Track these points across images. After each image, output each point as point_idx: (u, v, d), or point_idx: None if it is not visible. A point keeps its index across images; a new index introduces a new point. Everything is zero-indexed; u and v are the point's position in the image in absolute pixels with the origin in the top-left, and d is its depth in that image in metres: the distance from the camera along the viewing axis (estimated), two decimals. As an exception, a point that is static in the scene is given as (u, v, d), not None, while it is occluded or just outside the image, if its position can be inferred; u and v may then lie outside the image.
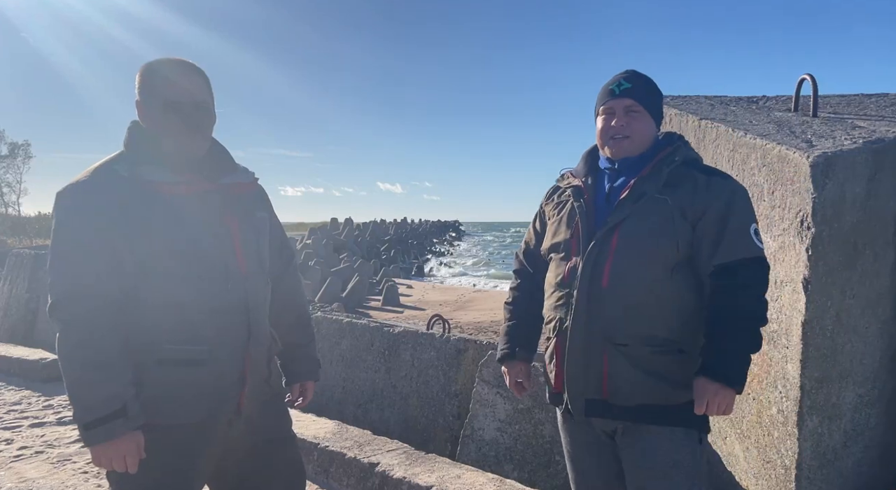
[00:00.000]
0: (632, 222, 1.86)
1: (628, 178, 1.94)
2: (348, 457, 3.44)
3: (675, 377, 1.85)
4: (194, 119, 1.79)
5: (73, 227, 1.69)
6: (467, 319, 12.87)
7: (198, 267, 1.75)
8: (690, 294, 1.87)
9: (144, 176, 1.74)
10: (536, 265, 2.17)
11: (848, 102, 3.32)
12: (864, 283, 2.41)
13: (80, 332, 1.65)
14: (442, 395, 3.96)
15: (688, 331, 1.87)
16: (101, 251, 1.67)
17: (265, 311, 1.93)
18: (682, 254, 1.85)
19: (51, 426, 4.78)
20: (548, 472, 3.34)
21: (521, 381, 2.21)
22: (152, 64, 1.81)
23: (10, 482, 3.70)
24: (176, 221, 1.74)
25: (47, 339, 6.87)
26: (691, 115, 3.12)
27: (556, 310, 1.95)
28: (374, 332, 4.45)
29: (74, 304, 1.65)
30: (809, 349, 2.35)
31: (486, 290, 21.90)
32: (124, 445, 1.66)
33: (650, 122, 1.99)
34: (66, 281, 1.67)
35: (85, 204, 1.69)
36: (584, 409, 1.93)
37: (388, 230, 50.87)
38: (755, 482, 2.63)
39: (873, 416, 2.52)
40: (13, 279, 7.54)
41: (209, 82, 1.86)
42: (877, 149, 2.36)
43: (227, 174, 1.89)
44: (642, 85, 1.99)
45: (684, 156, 1.93)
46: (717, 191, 1.86)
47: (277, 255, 2.07)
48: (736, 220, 1.84)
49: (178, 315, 1.73)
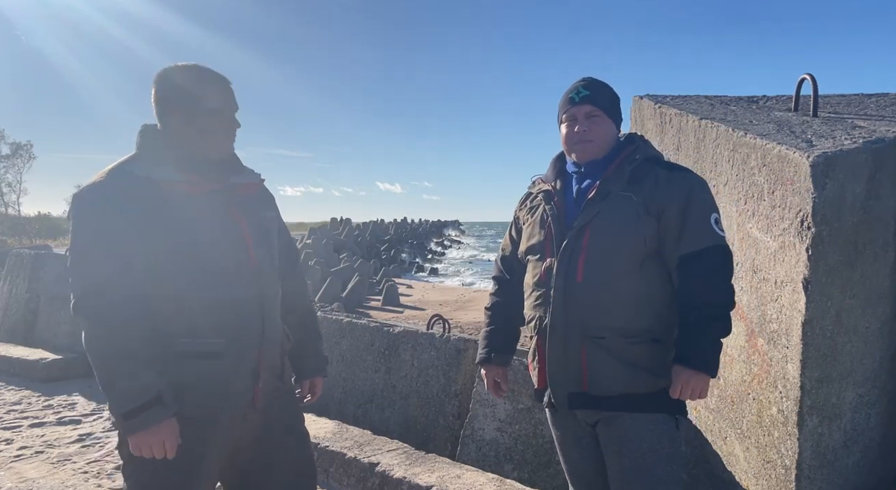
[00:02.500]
0: (600, 220, 1.97)
1: (594, 179, 2.04)
2: (348, 457, 3.44)
3: (652, 366, 1.94)
4: (228, 124, 1.90)
5: (89, 227, 1.75)
6: (467, 319, 12.88)
7: (211, 263, 1.82)
8: (662, 285, 1.97)
9: (157, 176, 1.80)
10: (513, 271, 2.27)
11: (848, 102, 3.32)
12: (864, 283, 2.41)
13: (103, 326, 1.71)
14: (442, 395, 3.96)
15: (661, 321, 1.96)
16: (117, 249, 1.73)
17: (277, 307, 2.00)
18: (649, 247, 1.95)
19: (51, 426, 4.78)
20: (548, 472, 3.34)
21: (498, 382, 2.33)
22: (182, 69, 1.88)
23: (10, 482, 3.70)
24: (189, 219, 1.80)
25: (47, 339, 6.87)
26: (691, 115, 3.12)
27: (536, 309, 2.05)
28: (374, 332, 4.45)
29: (95, 300, 1.71)
30: (809, 349, 2.35)
31: (486, 290, 21.90)
32: (163, 432, 1.72)
33: (610, 125, 2.10)
34: (85, 279, 1.73)
35: (100, 204, 1.76)
36: (568, 402, 2.02)
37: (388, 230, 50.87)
38: (755, 482, 2.63)
39: (873, 416, 2.52)
40: (13, 279, 7.54)
41: (231, 88, 1.94)
42: (877, 149, 2.36)
43: (236, 175, 1.96)
44: (600, 90, 2.10)
45: (644, 153, 2.05)
46: (677, 185, 1.97)
47: (284, 255, 2.13)
48: (696, 212, 1.94)
49: (193, 310, 1.79)
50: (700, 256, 1.91)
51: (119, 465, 3.93)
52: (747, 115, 3.08)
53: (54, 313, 6.94)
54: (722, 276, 1.93)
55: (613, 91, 2.15)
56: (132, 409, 1.69)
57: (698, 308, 1.89)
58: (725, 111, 3.20)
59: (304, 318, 2.21)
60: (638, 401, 1.95)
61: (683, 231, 1.93)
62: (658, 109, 3.44)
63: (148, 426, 1.70)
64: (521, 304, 2.15)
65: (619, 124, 2.16)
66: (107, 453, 4.19)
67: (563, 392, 2.02)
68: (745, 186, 2.67)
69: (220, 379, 1.83)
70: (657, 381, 1.94)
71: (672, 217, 1.94)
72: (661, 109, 3.41)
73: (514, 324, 2.27)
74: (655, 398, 1.94)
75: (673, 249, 1.94)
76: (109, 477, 3.78)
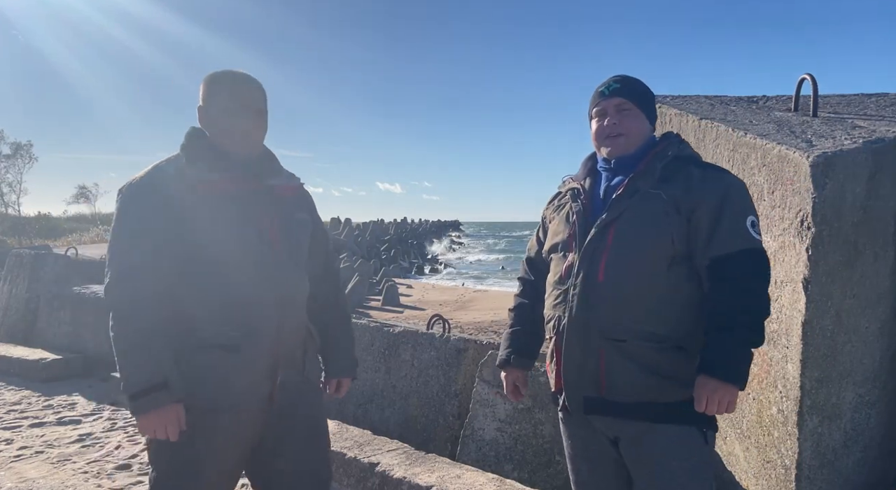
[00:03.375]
0: (626, 218, 1.87)
1: (624, 176, 1.95)
2: (348, 457, 3.44)
3: (675, 374, 1.83)
4: (254, 123, 1.99)
5: (124, 220, 1.91)
6: (467, 319, 12.88)
7: (233, 259, 1.91)
8: (689, 289, 1.86)
9: (192, 174, 1.92)
10: (538, 272, 2.18)
11: (848, 102, 3.32)
12: (864, 283, 2.41)
13: (124, 312, 1.85)
14: (442, 395, 3.96)
15: (687, 327, 1.85)
16: (147, 241, 1.87)
17: (299, 306, 2.06)
18: (677, 248, 1.84)
19: (51, 426, 4.78)
20: (548, 472, 3.34)
21: (518, 387, 2.23)
22: (216, 74, 2.01)
23: (10, 482, 3.70)
24: (217, 216, 1.91)
25: (47, 339, 6.87)
26: (691, 115, 3.12)
27: (555, 308, 1.96)
28: (374, 332, 4.45)
29: (121, 287, 1.86)
30: (809, 349, 2.35)
31: (486, 289, 21.91)
32: (166, 415, 1.82)
33: (643, 120, 2.01)
34: (114, 267, 1.88)
35: (136, 200, 1.91)
36: (583, 407, 1.92)
37: (388, 230, 50.87)
38: (755, 482, 2.63)
39: (873, 416, 2.52)
40: (13, 279, 7.54)
41: (265, 93, 2.05)
42: (877, 149, 2.36)
43: (273, 177, 2.06)
44: (632, 85, 2.02)
45: (677, 151, 1.95)
46: (711, 184, 1.86)
47: (318, 257, 2.22)
48: (730, 212, 1.82)
49: (212, 303, 1.89)
50: (733, 260, 1.78)
51: (119, 466, 3.93)
52: (747, 115, 3.08)
53: (54, 313, 6.94)
54: (754, 282, 1.79)
55: (647, 87, 2.06)
56: (138, 391, 1.81)
57: (728, 314, 1.75)
58: (725, 111, 3.20)
59: (337, 319, 2.28)
60: (661, 410, 1.83)
61: (715, 232, 1.81)
62: (658, 109, 3.43)
63: (153, 408, 1.81)
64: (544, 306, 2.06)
65: (654, 122, 2.07)
66: (107, 453, 4.19)
67: (577, 395, 1.92)
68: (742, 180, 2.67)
69: (234, 371, 1.90)
70: (681, 390, 1.81)
71: (703, 217, 1.83)
72: (661, 109, 3.41)
73: (537, 326, 2.13)
74: (681, 409, 1.82)
75: (703, 251, 1.82)
76: (109, 477, 3.78)
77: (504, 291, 21.64)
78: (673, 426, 1.83)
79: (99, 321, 6.39)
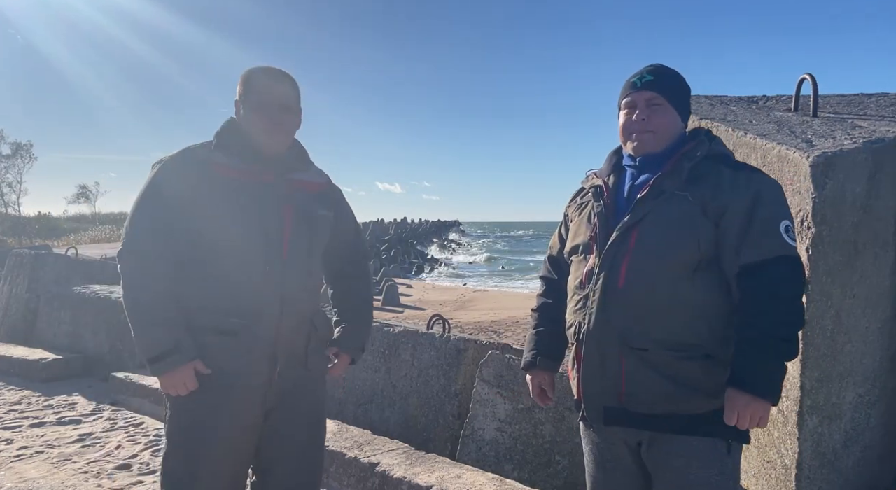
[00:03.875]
0: (650, 221, 1.78)
1: (650, 175, 1.85)
2: (348, 457, 3.44)
3: (701, 384, 1.74)
4: (278, 118, 2.04)
5: (144, 196, 2.01)
6: (467, 319, 12.87)
7: (240, 247, 1.97)
8: (717, 296, 1.76)
9: (217, 159, 2.00)
10: (561, 271, 2.10)
11: (848, 102, 3.32)
12: (864, 283, 2.41)
13: (135, 275, 1.97)
14: (442, 395, 3.96)
15: (716, 335, 1.75)
16: (162, 216, 1.98)
17: (304, 298, 2.10)
18: (704, 253, 1.74)
19: (51, 426, 4.78)
20: (548, 472, 3.34)
21: (544, 390, 2.15)
22: (252, 70, 2.07)
23: (10, 482, 3.70)
24: (233, 202, 1.97)
25: (47, 339, 6.87)
26: (691, 115, 3.12)
27: (576, 314, 1.89)
28: (374, 332, 4.45)
29: (133, 255, 1.98)
30: (809, 349, 2.35)
31: (486, 290, 21.91)
32: (181, 375, 1.95)
33: (674, 117, 1.90)
34: (129, 234, 1.99)
35: (161, 177, 2.01)
36: (603, 418, 1.85)
37: (388, 230, 50.87)
38: (755, 482, 2.63)
39: (873, 416, 2.52)
40: (13, 279, 7.54)
41: (298, 89, 2.11)
42: (877, 149, 2.36)
43: (298, 172, 2.13)
44: (667, 78, 1.91)
45: (708, 150, 1.83)
46: (743, 185, 1.75)
47: (346, 252, 2.32)
48: (763, 216, 1.71)
49: (217, 287, 1.97)
50: (765, 267, 1.67)
51: (119, 466, 3.93)
52: (747, 115, 3.08)
53: (54, 313, 6.94)
54: (788, 291, 1.68)
55: (684, 80, 1.95)
56: (154, 356, 1.94)
57: (760, 326, 1.65)
58: (725, 111, 3.20)
59: (357, 309, 2.37)
60: (684, 422, 1.75)
61: (747, 237, 1.70)
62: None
63: (168, 371, 1.94)
64: None
65: (686, 118, 1.96)
66: (107, 453, 4.19)
67: (597, 405, 1.84)
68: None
69: (235, 356, 1.98)
70: (708, 401, 1.74)
71: (734, 220, 1.72)
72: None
73: (561, 326, 2.02)
74: (703, 420, 1.74)
75: (733, 257, 1.72)
76: (109, 477, 3.78)
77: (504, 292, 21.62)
78: (695, 438, 1.76)
79: (99, 321, 6.39)
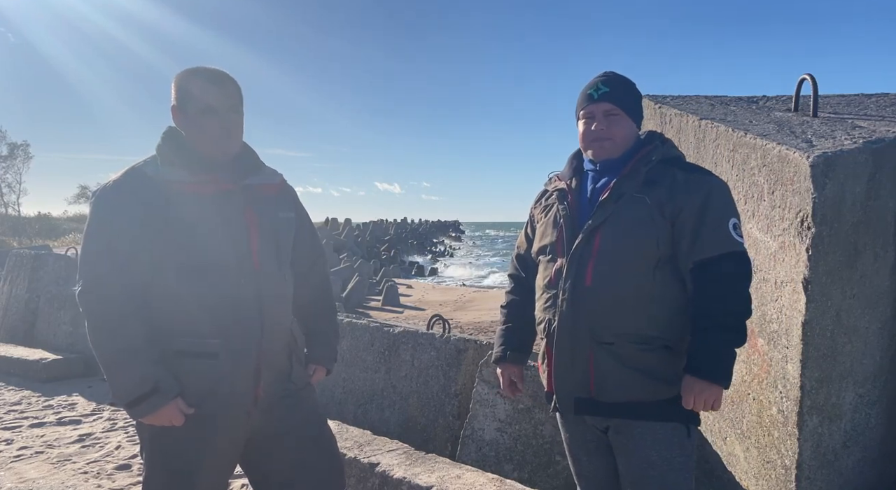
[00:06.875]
0: (612, 222, 1.92)
1: (610, 178, 1.99)
2: (348, 457, 3.44)
3: (662, 373, 1.90)
4: (227, 123, 1.91)
5: (98, 224, 1.85)
6: (467, 319, 12.87)
7: (211, 263, 1.86)
8: (675, 291, 1.92)
9: (169, 176, 1.87)
10: (528, 269, 2.24)
11: (848, 102, 3.32)
12: (864, 283, 2.41)
13: (99, 318, 1.81)
14: (442, 395, 3.96)
15: (674, 327, 1.91)
16: (120, 246, 1.82)
17: (282, 308, 2.01)
18: (662, 251, 1.89)
19: (51, 426, 4.77)
20: (548, 472, 3.34)
21: (514, 382, 2.29)
22: (188, 71, 1.93)
23: (10, 482, 3.69)
24: (194, 219, 1.85)
25: (47, 339, 6.87)
26: (691, 115, 3.12)
27: (545, 311, 2.02)
28: (374, 332, 4.45)
29: (93, 292, 1.81)
30: (809, 349, 2.35)
31: (486, 289, 21.90)
32: (166, 415, 1.83)
33: (630, 124, 2.04)
34: (87, 271, 1.82)
35: (111, 203, 1.85)
36: (574, 408, 2.00)
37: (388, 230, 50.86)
38: (755, 482, 2.63)
39: (873, 417, 2.52)
40: (13, 279, 7.54)
41: (240, 90, 1.98)
42: (877, 149, 2.35)
43: (252, 175, 2.00)
44: (620, 88, 2.04)
45: (662, 154, 1.98)
46: (694, 187, 1.90)
47: (307, 254, 2.19)
48: (713, 215, 1.87)
49: (192, 308, 1.85)
50: (715, 263, 1.84)
51: (119, 466, 3.93)
52: (747, 116, 3.08)
53: (54, 313, 6.94)
54: (737, 284, 1.86)
55: (635, 87, 2.09)
56: (132, 400, 1.80)
57: (712, 316, 1.82)
58: (725, 111, 3.20)
59: (323, 312, 2.27)
60: (648, 408, 1.91)
61: (698, 236, 1.86)
62: (658, 110, 3.44)
63: (149, 413, 1.82)
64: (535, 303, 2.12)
65: (640, 123, 2.11)
66: (107, 453, 4.19)
67: (569, 397, 1.99)
68: (745, 187, 2.67)
69: (217, 379, 1.87)
70: (668, 388, 1.90)
71: (687, 221, 1.88)
72: (661, 110, 3.41)
73: (529, 322, 2.19)
74: (666, 406, 1.90)
75: (687, 255, 1.88)
76: (109, 477, 3.78)
77: (504, 291, 21.57)
78: (658, 422, 1.91)
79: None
